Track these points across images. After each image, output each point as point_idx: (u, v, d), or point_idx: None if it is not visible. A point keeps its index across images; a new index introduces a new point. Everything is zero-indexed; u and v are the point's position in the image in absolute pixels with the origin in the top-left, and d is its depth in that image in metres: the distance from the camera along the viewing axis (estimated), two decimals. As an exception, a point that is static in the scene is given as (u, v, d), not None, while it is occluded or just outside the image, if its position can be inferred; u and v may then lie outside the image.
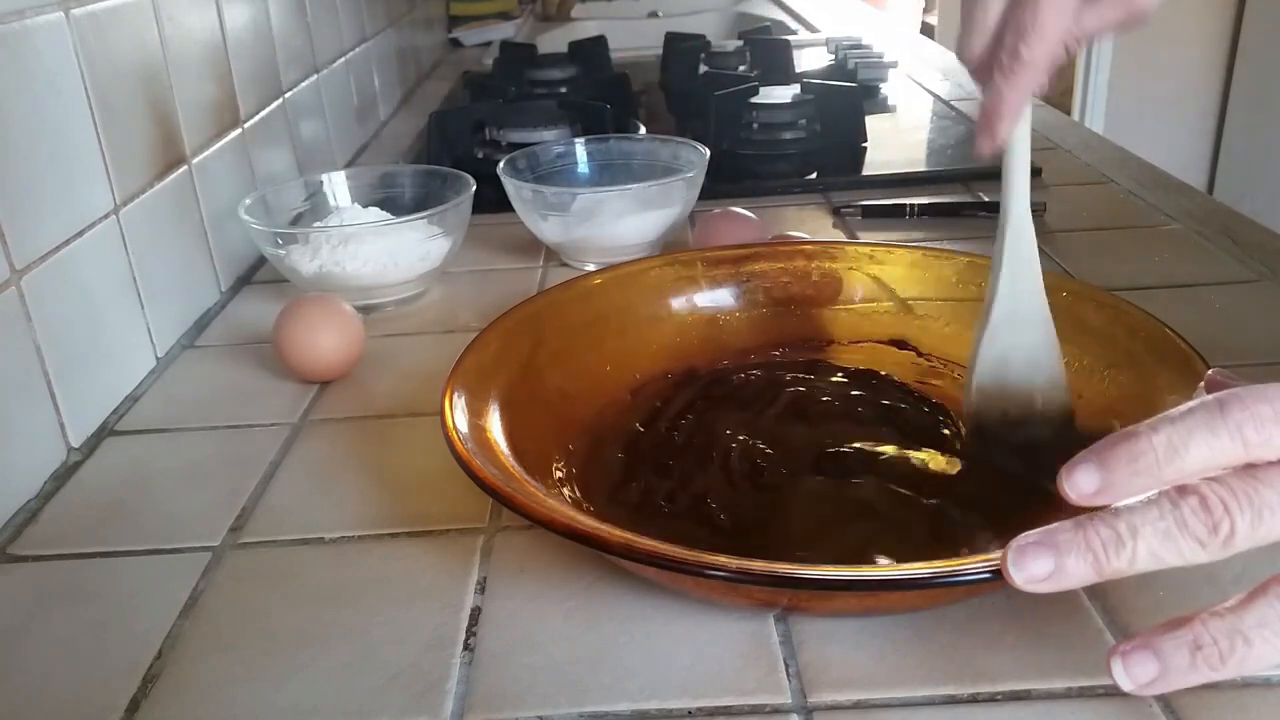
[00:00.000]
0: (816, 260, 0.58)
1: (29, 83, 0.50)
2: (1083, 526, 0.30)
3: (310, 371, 0.58)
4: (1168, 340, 0.45)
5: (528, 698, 0.35)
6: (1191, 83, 2.51)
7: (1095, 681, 0.35)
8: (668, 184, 0.71)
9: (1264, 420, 0.28)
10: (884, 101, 1.15)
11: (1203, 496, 0.29)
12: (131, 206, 0.59)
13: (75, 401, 0.52)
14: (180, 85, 0.67)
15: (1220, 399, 0.29)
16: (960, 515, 0.42)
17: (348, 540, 0.45)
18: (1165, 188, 0.83)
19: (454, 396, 0.44)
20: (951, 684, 0.35)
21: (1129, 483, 0.29)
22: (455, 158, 0.93)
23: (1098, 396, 0.46)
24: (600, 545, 0.35)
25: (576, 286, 0.55)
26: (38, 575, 0.44)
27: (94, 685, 0.37)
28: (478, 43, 1.72)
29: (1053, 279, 0.53)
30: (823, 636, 0.37)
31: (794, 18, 1.77)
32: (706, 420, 0.49)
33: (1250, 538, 0.29)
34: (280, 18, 0.86)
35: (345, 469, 0.50)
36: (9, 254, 0.48)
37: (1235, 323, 0.60)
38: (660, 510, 0.44)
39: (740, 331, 0.57)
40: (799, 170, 0.93)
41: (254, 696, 0.36)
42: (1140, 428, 0.30)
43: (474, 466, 0.39)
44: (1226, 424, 0.29)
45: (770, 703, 0.35)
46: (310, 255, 0.65)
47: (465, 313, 0.67)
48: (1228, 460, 0.29)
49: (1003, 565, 0.30)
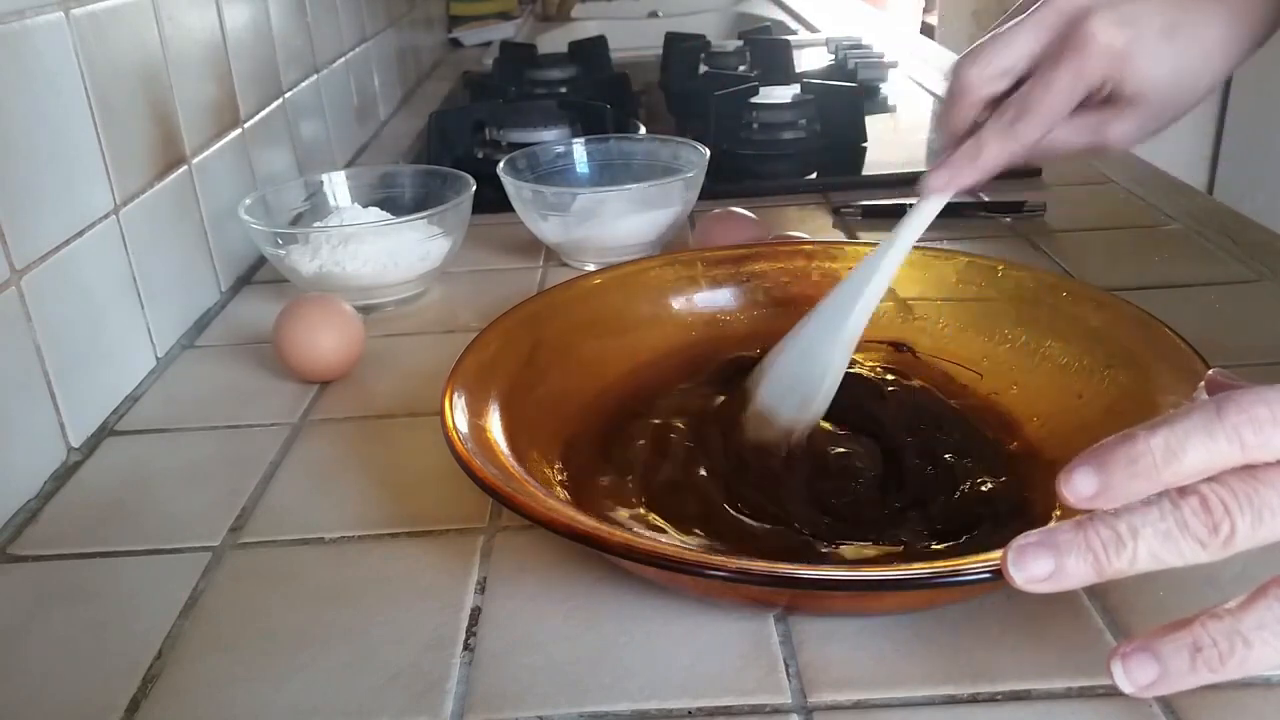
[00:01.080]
0: (816, 260, 0.57)
1: (29, 82, 0.50)
2: (1083, 527, 0.30)
3: (310, 371, 0.58)
4: (1168, 340, 0.45)
5: (528, 698, 0.35)
6: (1191, 83, 2.49)
7: (1095, 681, 0.35)
8: (668, 184, 0.71)
9: (1261, 423, 0.28)
10: (884, 101, 1.15)
11: (1203, 497, 0.29)
12: (131, 206, 0.59)
13: (75, 401, 0.52)
14: (180, 85, 0.67)
15: (1218, 401, 0.29)
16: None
17: (348, 540, 0.45)
18: (1165, 188, 0.83)
19: (454, 396, 0.44)
20: (951, 684, 0.35)
21: (1127, 485, 0.29)
22: (455, 158, 0.93)
23: (1098, 396, 0.46)
24: (600, 545, 0.35)
25: (576, 286, 0.55)
26: (38, 575, 0.44)
27: (94, 685, 0.37)
28: (478, 43, 1.72)
29: (1053, 279, 0.53)
30: (823, 636, 0.37)
31: (794, 18, 1.77)
32: (706, 420, 0.49)
33: (1251, 538, 0.29)
34: (280, 18, 0.86)
35: (345, 469, 0.50)
36: (9, 254, 0.48)
37: (1235, 323, 0.60)
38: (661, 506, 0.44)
39: (740, 331, 0.56)
40: (799, 170, 0.93)
41: (254, 696, 0.36)
42: (1138, 430, 0.30)
43: (474, 466, 0.39)
44: (1224, 426, 0.29)
45: (770, 703, 0.35)
46: (310, 255, 0.65)
47: (465, 313, 0.67)
48: (1226, 462, 0.29)
49: (1003, 565, 0.30)
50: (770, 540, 0.41)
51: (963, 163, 0.44)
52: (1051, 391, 0.48)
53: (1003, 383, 0.50)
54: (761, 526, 0.42)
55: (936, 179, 0.45)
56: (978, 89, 0.45)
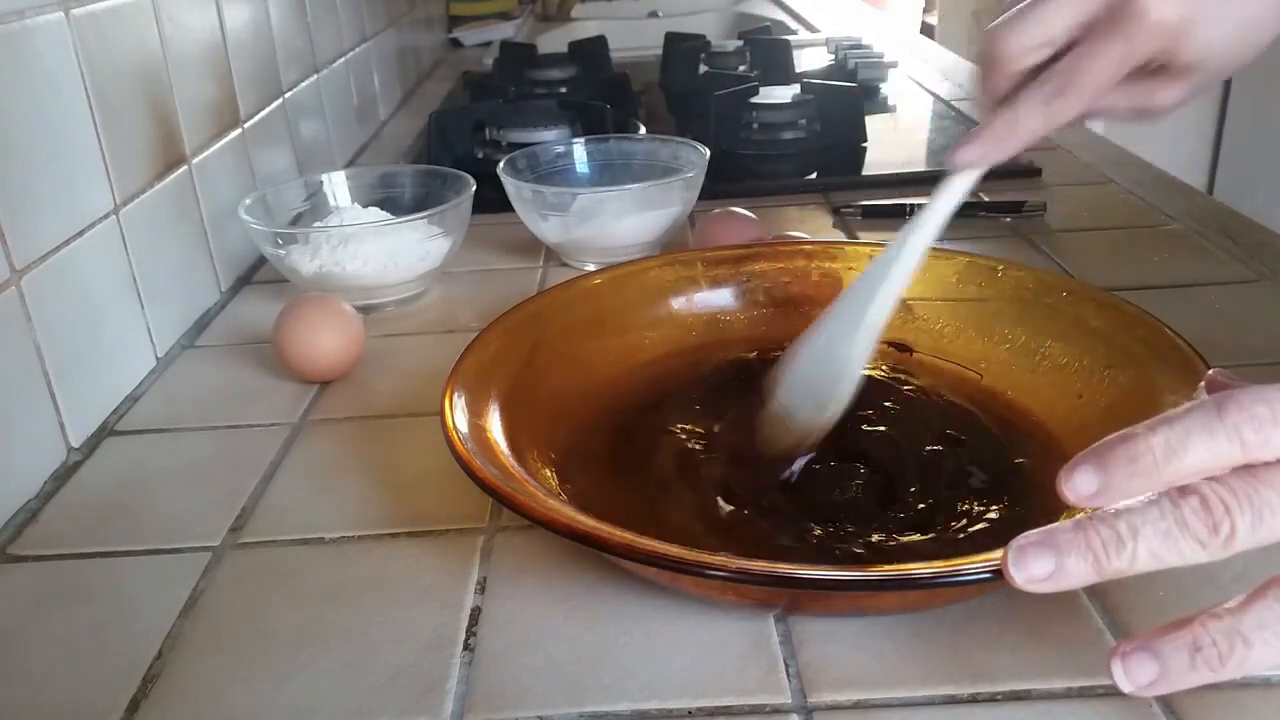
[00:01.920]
0: (816, 260, 0.58)
1: (29, 83, 0.50)
2: (1083, 527, 0.30)
3: (310, 371, 0.58)
4: (1167, 340, 0.45)
5: (528, 698, 0.35)
6: (1191, 83, 2.50)
7: (1095, 681, 0.35)
8: (668, 184, 0.71)
9: (1262, 421, 0.28)
10: (884, 101, 1.15)
11: (1203, 497, 0.29)
12: (131, 206, 0.59)
13: (75, 401, 0.52)
14: (180, 85, 0.67)
15: (1218, 400, 0.29)
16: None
17: (348, 540, 0.45)
18: (1165, 188, 0.83)
19: (454, 396, 0.44)
20: (951, 684, 0.35)
21: (1127, 484, 0.29)
22: (455, 158, 0.93)
23: (1098, 396, 0.46)
24: (600, 545, 0.35)
25: (576, 286, 0.55)
26: (38, 575, 0.44)
27: (94, 685, 0.37)
28: (478, 43, 1.72)
29: (1053, 279, 0.53)
30: (823, 636, 0.37)
31: (794, 18, 1.77)
32: (706, 419, 0.49)
33: (1251, 538, 0.29)
34: (280, 18, 0.86)
35: (345, 469, 0.50)
36: (9, 254, 0.48)
37: (1235, 323, 0.60)
38: (659, 505, 0.44)
39: (740, 331, 0.57)
40: (799, 170, 0.93)
41: (254, 696, 0.36)
42: (1138, 429, 0.30)
43: (474, 466, 0.39)
44: (1224, 425, 0.29)
45: (770, 703, 0.35)
46: (310, 255, 0.65)
47: (465, 313, 0.67)
48: (1226, 462, 0.29)
49: (1003, 565, 0.30)
50: (773, 540, 0.41)
51: (998, 136, 0.41)
52: (1051, 392, 0.48)
53: (1003, 383, 0.50)
54: (763, 526, 0.42)
55: (969, 152, 0.42)
56: (1017, 59, 0.41)
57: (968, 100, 1.13)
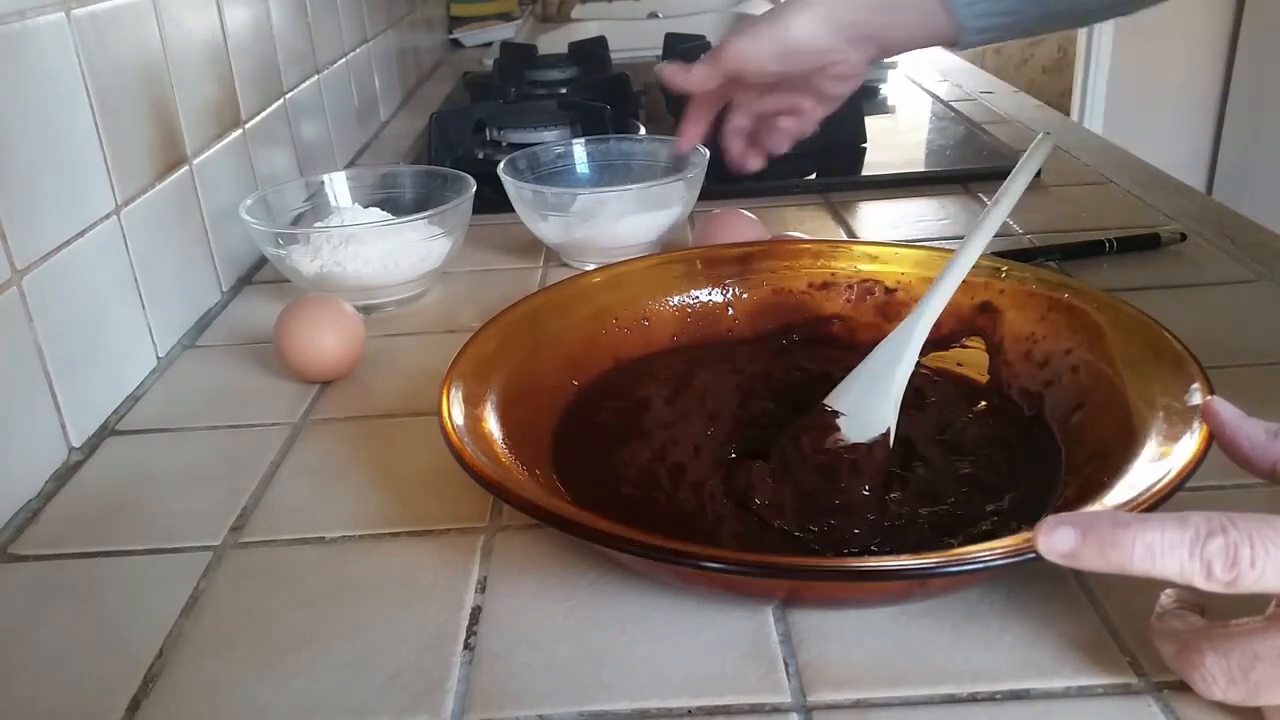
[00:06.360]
0: (816, 260, 0.58)
1: (30, 83, 0.51)
2: (1120, 525, 0.30)
3: (311, 371, 0.58)
4: (1164, 342, 0.45)
5: (528, 697, 0.35)
6: (1190, 83, 2.50)
7: (1095, 681, 0.35)
8: (668, 184, 0.71)
9: (1239, 560, 0.29)
10: (884, 101, 1.15)
11: (1231, 545, 0.29)
12: (132, 207, 0.60)
13: (76, 401, 0.53)
14: (181, 85, 0.67)
15: (1213, 525, 0.30)
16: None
17: (348, 540, 0.45)
18: (1165, 188, 0.83)
19: (451, 392, 0.44)
20: (951, 683, 0.35)
21: (1093, 564, 0.30)
22: (456, 158, 0.93)
23: (1097, 398, 0.46)
24: (597, 538, 0.35)
25: (576, 284, 0.55)
26: (38, 575, 0.44)
27: (94, 685, 0.37)
28: (478, 43, 1.72)
29: (1053, 279, 0.53)
30: (822, 636, 0.37)
31: (794, 18, 1.76)
32: (706, 418, 0.49)
33: (1254, 587, 0.29)
34: (281, 18, 0.86)
35: (345, 469, 0.50)
36: (10, 254, 0.48)
37: (1235, 323, 0.60)
38: (658, 503, 0.44)
39: (740, 331, 0.57)
40: (799, 170, 0.93)
41: (254, 696, 0.36)
42: (1132, 522, 0.30)
43: (467, 457, 0.39)
44: (1201, 558, 0.29)
45: (770, 702, 0.35)
46: (311, 255, 0.65)
47: (465, 313, 0.67)
48: (1194, 584, 0.30)
49: (1035, 537, 0.31)
50: (771, 534, 0.41)
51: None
52: (1051, 393, 0.48)
53: (1003, 384, 0.50)
54: (765, 526, 0.42)
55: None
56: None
57: (967, 100, 1.13)
